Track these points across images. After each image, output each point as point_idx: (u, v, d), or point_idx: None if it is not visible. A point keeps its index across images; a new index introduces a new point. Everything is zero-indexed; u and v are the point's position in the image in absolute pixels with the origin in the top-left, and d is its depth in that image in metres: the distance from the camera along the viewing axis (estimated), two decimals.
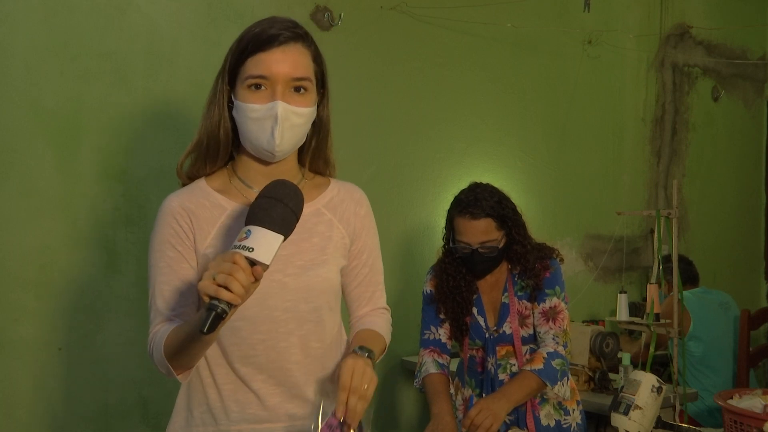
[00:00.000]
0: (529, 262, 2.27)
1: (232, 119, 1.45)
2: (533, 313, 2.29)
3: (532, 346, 2.30)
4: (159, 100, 2.88)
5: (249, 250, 1.17)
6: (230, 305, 1.15)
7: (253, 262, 1.17)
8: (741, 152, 5.12)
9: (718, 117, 4.96)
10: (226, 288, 1.14)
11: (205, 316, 1.14)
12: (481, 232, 2.23)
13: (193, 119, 2.94)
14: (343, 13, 3.30)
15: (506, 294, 2.32)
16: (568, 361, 2.26)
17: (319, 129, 1.51)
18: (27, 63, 2.63)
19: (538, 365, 2.17)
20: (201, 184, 1.48)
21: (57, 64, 2.68)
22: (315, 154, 1.53)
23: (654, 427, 2.15)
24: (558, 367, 2.19)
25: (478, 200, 2.25)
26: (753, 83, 5.17)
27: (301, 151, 1.53)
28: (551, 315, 2.25)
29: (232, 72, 1.44)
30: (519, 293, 2.30)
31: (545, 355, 2.19)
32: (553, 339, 2.23)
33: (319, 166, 1.56)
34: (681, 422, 2.76)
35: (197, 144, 1.47)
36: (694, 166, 4.83)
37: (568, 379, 2.24)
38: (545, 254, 2.31)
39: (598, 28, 4.27)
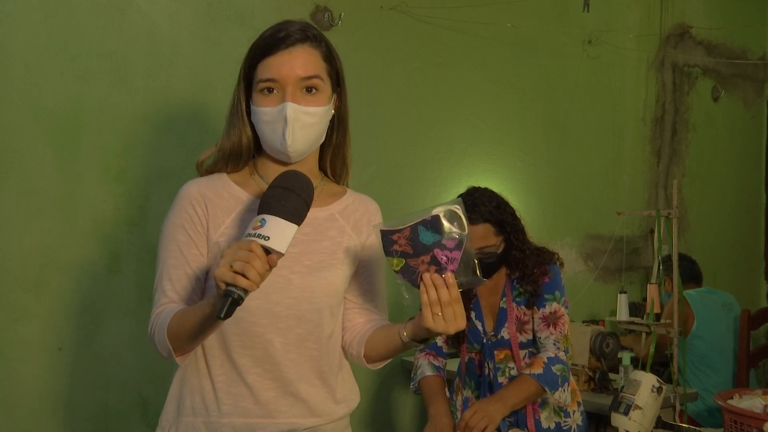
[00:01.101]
0: (528, 268, 2.25)
1: (252, 124, 1.48)
2: (533, 318, 2.27)
3: (531, 350, 2.29)
4: (159, 100, 2.88)
5: (265, 239, 1.20)
6: (246, 292, 1.19)
7: (268, 251, 1.20)
8: (741, 152, 5.12)
9: (718, 117, 4.96)
10: (243, 275, 1.17)
11: (222, 302, 1.18)
12: (479, 237, 2.20)
13: (194, 119, 2.95)
14: (343, 13, 3.30)
15: (504, 299, 2.30)
16: (569, 367, 2.24)
17: (338, 126, 1.54)
18: (27, 63, 2.63)
19: (538, 370, 2.15)
20: (222, 175, 1.52)
21: (57, 64, 2.68)
22: (336, 151, 1.56)
23: (654, 427, 2.16)
24: (558, 373, 2.17)
25: (476, 205, 2.21)
26: (753, 83, 5.17)
27: (323, 150, 1.55)
28: (551, 320, 2.23)
29: (247, 79, 1.48)
30: (517, 299, 2.29)
31: (545, 360, 2.17)
32: (554, 344, 2.21)
33: (337, 166, 1.58)
34: (681, 422, 2.76)
35: (220, 149, 1.51)
36: (694, 166, 4.83)
37: (568, 384, 2.22)
38: (544, 259, 2.28)
39: (598, 28, 4.27)
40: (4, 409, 2.58)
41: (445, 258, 1.30)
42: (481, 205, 2.21)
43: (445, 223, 1.30)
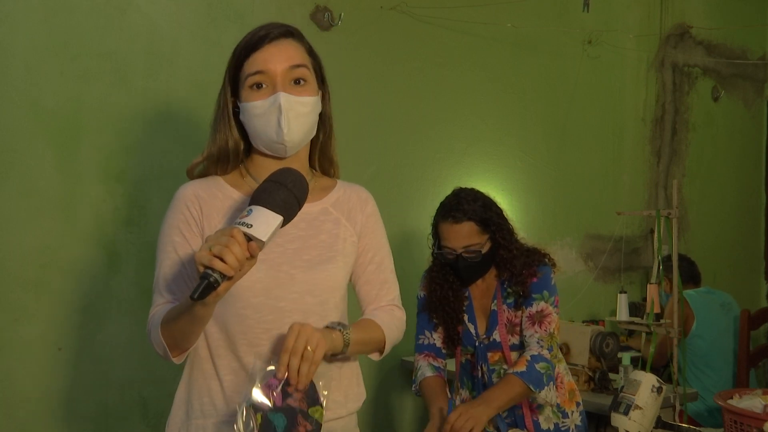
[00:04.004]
0: (516, 268, 2.24)
1: (240, 127, 1.49)
2: (522, 318, 2.27)
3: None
4: (159, 100, 2.88)
5: (247, 226, 1.22)
6: (223, 276, 1.19)
7: (250, 238, 1.22)
8: (741, 152, 5.12)
9: (718, 117, 4.96)
10: (221, 259, 1.18)
11: (198, 284, 1.19)
12: (464, 236, 2.21)
13: (193, 119, 2.95)
14: (343, 13, 3.30)
15: (495, 301, 2.30)
16: (554, 365, 2.21)
17: (323, 124, 1.56)
18: (27, 63, 2.63)
19: (521, 368, 2.13)
20: (216, 178, 1.53)
21: (57, 64, 2.68)
22: (323, 150, 1.58)
23: (654, 427, 2.15)
24: (543, 371, 2.14)
25: (460, 204, 2.23)
26: (753, 83, 5.17)
27: (311, 147, 1.57)
28: (537, 318, 2.22)
29: (233, 82, 1.49)
30: (507, 300, 2.28)
31: (528, 358, 2.15)
32: (537, 342, 2.19)
33: (325, 165, 1.60)
34: (681, 422, 2.76)
35: (208, 156, 1.52)
36: (694, 166, 4.83)
37: (554, 383, 2.21)
38: (533, 260, 2.26)
39: (598, 28, 4.27)
40: (4, 409, 2.58)
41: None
42: (465, 203, 2.22)
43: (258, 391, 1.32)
